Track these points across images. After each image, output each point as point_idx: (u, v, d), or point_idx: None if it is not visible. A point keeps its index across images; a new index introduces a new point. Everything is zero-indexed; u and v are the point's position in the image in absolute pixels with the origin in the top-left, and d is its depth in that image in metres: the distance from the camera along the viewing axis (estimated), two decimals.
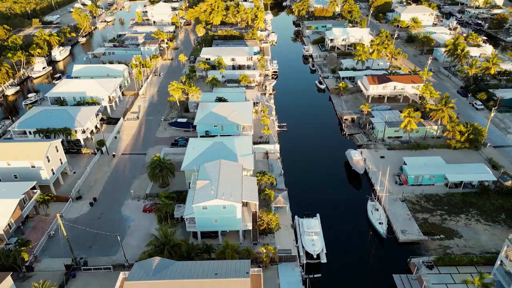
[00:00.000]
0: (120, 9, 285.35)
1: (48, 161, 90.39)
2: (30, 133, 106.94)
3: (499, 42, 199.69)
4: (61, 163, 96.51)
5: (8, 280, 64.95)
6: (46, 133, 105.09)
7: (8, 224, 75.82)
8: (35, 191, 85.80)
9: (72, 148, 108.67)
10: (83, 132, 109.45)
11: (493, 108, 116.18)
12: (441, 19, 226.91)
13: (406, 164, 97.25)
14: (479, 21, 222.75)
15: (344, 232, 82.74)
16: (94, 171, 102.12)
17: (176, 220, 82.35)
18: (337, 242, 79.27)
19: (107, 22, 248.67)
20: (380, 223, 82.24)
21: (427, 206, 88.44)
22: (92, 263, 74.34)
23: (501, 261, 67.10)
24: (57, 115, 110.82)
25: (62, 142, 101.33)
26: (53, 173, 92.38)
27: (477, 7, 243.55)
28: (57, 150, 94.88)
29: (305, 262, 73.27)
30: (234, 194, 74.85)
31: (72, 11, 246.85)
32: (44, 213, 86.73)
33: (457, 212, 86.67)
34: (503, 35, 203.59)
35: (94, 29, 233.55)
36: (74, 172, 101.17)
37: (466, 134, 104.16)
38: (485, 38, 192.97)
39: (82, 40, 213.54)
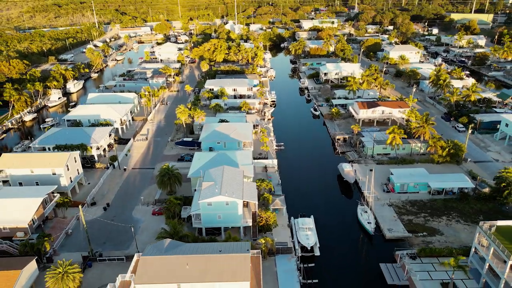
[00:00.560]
0: (129, 50, 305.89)
1: (68, 169, 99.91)
2: (49, 149, 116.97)
3: (482, 77, 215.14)
4: (78, 173, 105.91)
5: (33, 263, 72.47)
6: (64, 149, 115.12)
7: (32, 220, 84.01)
8: (55, 194, 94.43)
9: (87, 163, 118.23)
10: (98, 148, 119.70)
11: (471, 127, 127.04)
12: (428, 58, 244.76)
13: (392, 174, 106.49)
14: (463, 59, 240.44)
15: (335, 231, 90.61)
16: (107, 182, 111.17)
17: (183, 220, 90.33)
18: (329, 238, 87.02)
19: (117, 60, 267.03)
20: (368, 222, 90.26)
21: (412, 210, 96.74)
22: (106, 256, 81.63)
23: (475, 248, 74.83)
24: (74, 133, 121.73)
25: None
26: (71, 181, 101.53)
27: (461, 47, 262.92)
28: (75, 161, 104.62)
29: (300, 254, 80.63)
30: (236, 192, 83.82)
31: (84, 52, 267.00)
32: (62, 215, 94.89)
33: (439, 214, 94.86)
34: (485, 71, 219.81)
35: (105, 67, 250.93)
36: (89, 183, 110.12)
37: (447, 149, 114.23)
38: (468, 73, 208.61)
39: (94, 75, 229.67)
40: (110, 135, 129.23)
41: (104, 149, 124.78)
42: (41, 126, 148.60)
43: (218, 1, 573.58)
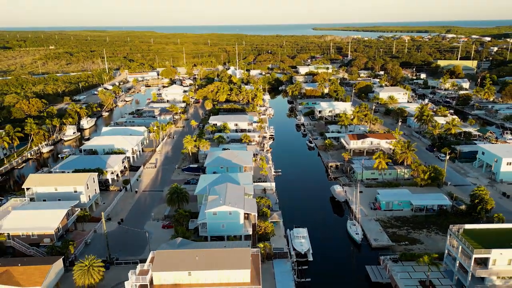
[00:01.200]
0: (137, 92, 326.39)
1: (87, 188, 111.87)
2: (68, 173, 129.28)
3: (465, 115, 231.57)
4: (95, 192, 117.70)
5: (60, 261, 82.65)
6: (83, 172, 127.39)
7: (57, 228, 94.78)
8: (76, 209, 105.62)
9: (102, 186, 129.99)
10: (112, 173, 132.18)
11: (449, 155, 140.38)
12: (415, 98, 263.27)
13: (379, 194, 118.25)
14: (448, 99, 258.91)
15: (327, 241, 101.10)
16: (121, 202, 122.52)
17: (190, 231, 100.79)
18: (321, 246, 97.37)
19: (126, 101, 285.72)
20: (356, 233, 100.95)
21: (396, 224, 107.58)
22: (122, 260, 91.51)
23: (448, 250, 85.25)
24: (91, 159, 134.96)
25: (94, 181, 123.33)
26: (90, 199, 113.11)
27: (446, 89, 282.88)
28: (94, 181, 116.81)
29: (295, 259, 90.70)
30: (238, 204, 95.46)
31: (96, 94, 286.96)
32: (81, 228, 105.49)
33: (420, 227, 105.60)
34: (468, 110, 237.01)
35: (114, 107, 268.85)
36: (104, 203, 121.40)
37: (428, 173, 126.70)
38: (452, 111, 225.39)
39: (105, 114, 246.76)
40: (123, 162, 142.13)
41: (117, 174, 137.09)
42: (59, 155, 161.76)
43: (220, 50, 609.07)
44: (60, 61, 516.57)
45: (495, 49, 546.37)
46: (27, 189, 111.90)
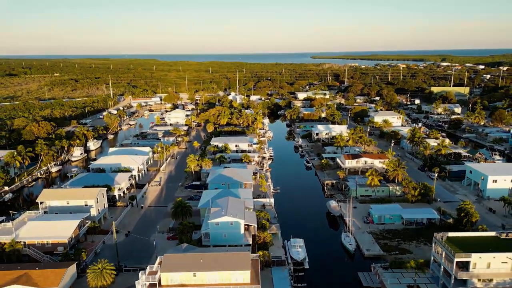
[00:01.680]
0: (141, 117, 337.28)
1: (97, 202, 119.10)
2: None
3: (457, 138, 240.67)
4: (104, 207, 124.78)
5: (74, 266, 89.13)
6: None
7: (71, 237, 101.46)
8: (87, 221, 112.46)
9: (109, 201, 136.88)
10: (119, 189, 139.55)
11: (438, 174, 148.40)
12: (409, 122, 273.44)
13: (372, 208, 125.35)
14: (440, 123, 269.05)
15: (322, 251, 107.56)
16: (127, 217, 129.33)
17: (194, 241, 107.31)
18: (317, 256, 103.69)
19: (130, 125, 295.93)
20: (350, 244, 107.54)
21: (387, 236, 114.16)
22: (130, 267, 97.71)
23: (433, 256, 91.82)
24: (99, 177, 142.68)
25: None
26: (99, 212, 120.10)
27: (439, 114, 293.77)
28: (103, 196, 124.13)
29: (292, 267, 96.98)
30: (239, 215, 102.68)
31: (101, 118, 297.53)
32: (91, 240, 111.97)
33: (410, 239, 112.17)
34: (460, 133, 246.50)
35: (119, 130, 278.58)
36: (111, 217, 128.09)
37: (419, 189, 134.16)
38: (444, 134, 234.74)
39: (110, 136, 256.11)
40: (129, 179, 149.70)
41: (124, 191, 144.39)
42: (68, 174, 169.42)
43: (221, 76, 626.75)
44: (65, 87, 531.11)
45: (488, 76, 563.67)
46: (41, 202, 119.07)
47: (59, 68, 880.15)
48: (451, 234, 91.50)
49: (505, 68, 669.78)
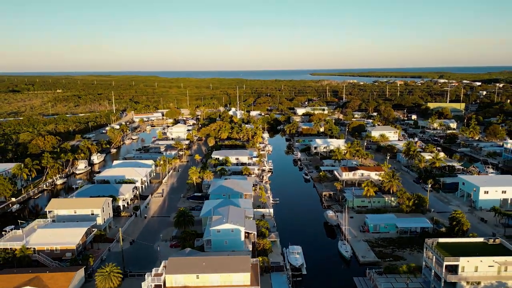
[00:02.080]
0: (143, 131, 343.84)
1: (103, 211, 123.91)
2: None
3: (452, 152, 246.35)
4: (110, 216, 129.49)
5: (82, 270, 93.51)
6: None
7: (78, 243, 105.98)
8: (93, 229, 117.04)
9: (114, 211, 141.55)
10: (124, 200, 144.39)
11: (431, 185, 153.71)
12: (406, 137, 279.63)
13: (367, 218, 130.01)
14: (436, 138, 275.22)
15: (319, 257, 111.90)
16: (131, 226, 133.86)
17: (196, 248, 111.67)
18: (314, 262, 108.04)
19: (133, 139, 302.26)
20: (346, 251, 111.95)
21: (382, 244, 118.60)
22: (135, 272, 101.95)
23: (425, 261, 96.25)
24: (104, 188, 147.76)
25: None
26: (105, 221, 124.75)
27: (434, 129, 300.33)
28: (108, 205, 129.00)
29: (290, 273, 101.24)
30: (239, 222, 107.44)
31: (104, 132, 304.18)
32: (97, 247, 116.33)
33: (404, 247, 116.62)
34: (455, 147, 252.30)
35: (122, 144, 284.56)
36: (116, 227, 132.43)
37: (413, 200, 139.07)
38: (439, 149, 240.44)
39: (113, 150, 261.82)
40: (133, 190, 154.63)
41: (128, 202, 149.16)
42: (73, 186, 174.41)
43: (221, 93, 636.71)
44: (68, 103, 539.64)
45: (484, 93, 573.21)
46: (49, 211, 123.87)
47: (62, 85, 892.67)
48: (441, 240, 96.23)
49: (501, 85, 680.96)
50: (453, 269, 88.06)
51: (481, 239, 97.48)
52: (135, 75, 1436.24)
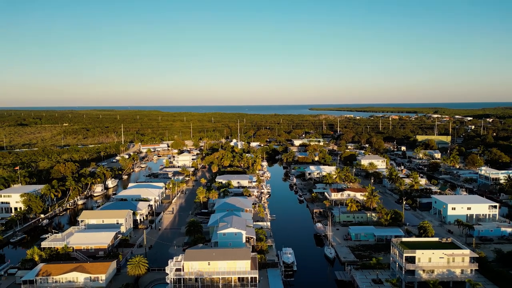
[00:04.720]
0: (150, 161, 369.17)
1: (126, 221, 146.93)
2: None
3: (435, 179, 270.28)
4: (130, 226, 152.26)
5: (115, 263, 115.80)
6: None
7: (109, 244, 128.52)
8: (119, 235, 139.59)
9: (133, 224, 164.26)
10: (141, 214, 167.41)
11: (406, 203, 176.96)
12: (394, 166, 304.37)
13: (350, 228, 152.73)
14: (421, 166, 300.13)
15: (308, 258, 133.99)
16: (148, 236, 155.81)
17: None
18: (304, 262, 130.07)
19: (141, 167, 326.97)
20: (330, 253, 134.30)
21: (362, 249, 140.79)
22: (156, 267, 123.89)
23: (392, 257, 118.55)
24: (124, 204, 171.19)
25: None
26: (127, 230, 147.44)
27: (420, 159, 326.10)
28: (130, 217, 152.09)
29: (283, 269, 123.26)
30: (241, 228, 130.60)
31: (114, 161, 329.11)
32: (121, 251, 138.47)
33: (380, 251, 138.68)
34: (437, 175, 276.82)
35: (132, 171, 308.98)
36: (135, 236, 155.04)
37: (390, 214, 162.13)
38: (422, 175, 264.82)
39: (125, 177, 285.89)
40: (148, 207, 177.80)
41: (144, 216, 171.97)
42: (94, 204, 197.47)
43: (223, 125, 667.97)
44: (77, 135, 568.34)
45: (472, 127, 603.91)
46: (81, 221, 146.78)
47: (68, 119, 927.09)
48: (404, 239, 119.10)
49: (491, 120, 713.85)
50: (412, 260, 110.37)
51: (436, 239, 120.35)
52: (138, 110, 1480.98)
